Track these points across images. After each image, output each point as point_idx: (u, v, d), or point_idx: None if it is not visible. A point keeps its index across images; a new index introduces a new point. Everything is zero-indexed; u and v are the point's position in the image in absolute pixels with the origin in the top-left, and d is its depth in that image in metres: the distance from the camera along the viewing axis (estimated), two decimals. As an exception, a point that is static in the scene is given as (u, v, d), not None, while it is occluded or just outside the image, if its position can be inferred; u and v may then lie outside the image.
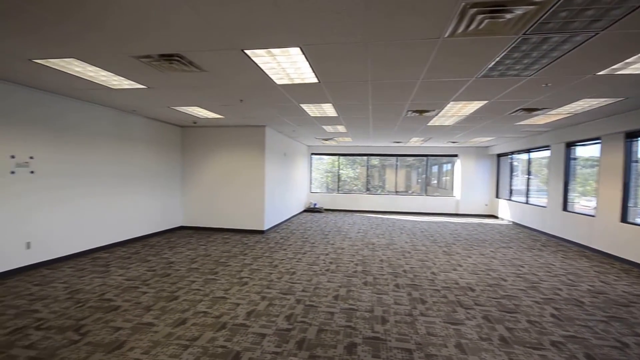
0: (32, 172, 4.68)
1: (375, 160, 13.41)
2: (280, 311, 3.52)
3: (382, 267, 5.25)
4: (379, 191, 13.36)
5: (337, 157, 13.41)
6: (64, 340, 2.85)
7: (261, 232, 7.89)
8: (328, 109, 5.66)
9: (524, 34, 2.66)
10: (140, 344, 2.80)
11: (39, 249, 4.83)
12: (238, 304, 3.67)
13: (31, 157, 4.67)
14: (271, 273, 4.81)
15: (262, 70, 3.65)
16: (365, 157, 13.19)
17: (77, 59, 3.43)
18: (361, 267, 5.18)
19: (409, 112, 5.80)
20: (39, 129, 4.78)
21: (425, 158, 12.79)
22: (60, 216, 5.13)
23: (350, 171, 13.87)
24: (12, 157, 4.44)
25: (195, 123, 7.53)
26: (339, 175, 13.54)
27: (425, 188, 12.94)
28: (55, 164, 5.04)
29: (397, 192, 13.02)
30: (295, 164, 11.06)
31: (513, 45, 2.88)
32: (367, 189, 13.25)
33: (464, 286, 4.39)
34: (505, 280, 4.66)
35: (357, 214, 12.04)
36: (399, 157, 12.90)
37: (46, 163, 4.90)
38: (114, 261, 5.26)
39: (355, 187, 13.59)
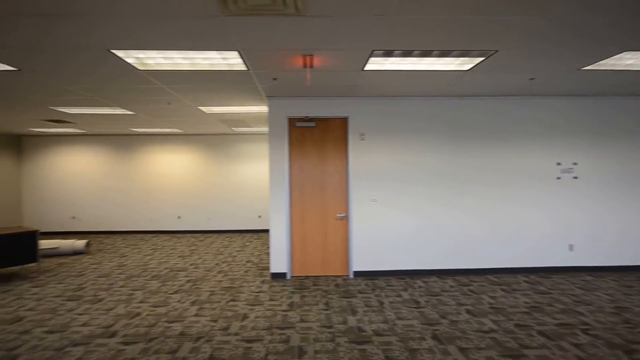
0: (575, 177, 4.89)
1: None
2: None
3: None
4: None
5: None
6: (611, 356, 2.64)
7: None
8: None
9: None
10: None
11: (581, 254, 4.91)
12: None
13: (575, 163, 4.89)
14: None
15: None
16: None
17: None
18: None
19: None
20: (581, 136, 4.90)
21: None
22: (604, 224, 4.91)
23: None
24: (559, 164, 4.89)
25: None
26: None
27: None
28: (597, 169, 4.91)
29: None
30: None
31: None
32: None
33: None
34: None
35: None
36: None
37: (589, 169, 4.90)
38: (672, 289, 4.18)
39: None
